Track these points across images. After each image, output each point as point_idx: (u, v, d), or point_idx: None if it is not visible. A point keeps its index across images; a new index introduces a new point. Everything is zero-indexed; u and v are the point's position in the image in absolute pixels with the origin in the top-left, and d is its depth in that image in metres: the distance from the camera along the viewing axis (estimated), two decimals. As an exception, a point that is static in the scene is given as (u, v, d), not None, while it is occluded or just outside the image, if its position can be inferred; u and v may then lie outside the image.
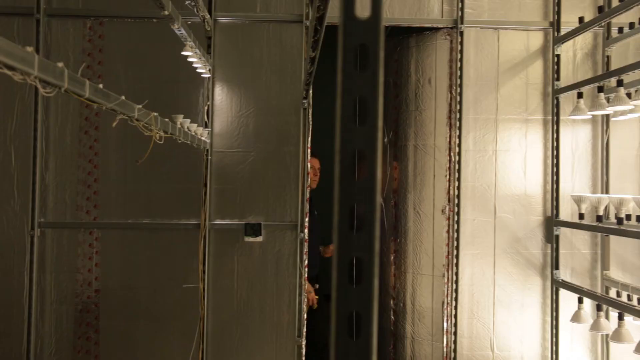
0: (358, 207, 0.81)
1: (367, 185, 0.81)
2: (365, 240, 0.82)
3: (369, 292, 0.82)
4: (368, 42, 0.82)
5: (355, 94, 0.82)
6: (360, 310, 0.82)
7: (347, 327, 0.83)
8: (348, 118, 0.82)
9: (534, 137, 4.08)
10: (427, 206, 4.01)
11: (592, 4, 4.06)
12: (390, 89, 4.04)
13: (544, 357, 4.02)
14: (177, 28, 2.73)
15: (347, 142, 0.81)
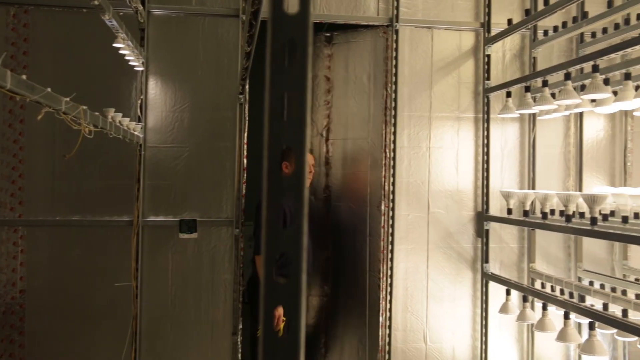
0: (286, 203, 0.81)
1: (294, 180, 0.81)
2: (293, 235, 0.82)
3: (297, 287, 0.82)
4: (296, 37, 0.82)
5: (283, 89, 0.81)
6: (288, 306, 0.83)
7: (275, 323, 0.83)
8: (276, 113, 0.81)
9: (466, 134, 4.19)
10: (362, 202, 4.05)
11: (520, 7, 4.21)
12: (323, 84, 4.04)
13: (474, 347, 4.16)
14: (108, 19, 2.65)
15: (275, 137, 0.81)
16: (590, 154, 4.26)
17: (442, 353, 4.13)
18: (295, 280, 0.82)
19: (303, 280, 0.82)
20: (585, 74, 3.51)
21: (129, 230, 3.81)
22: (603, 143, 4.28)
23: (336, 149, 4.04)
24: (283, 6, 0.81)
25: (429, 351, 4.12)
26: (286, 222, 3.09)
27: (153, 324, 3.86)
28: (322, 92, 4.05)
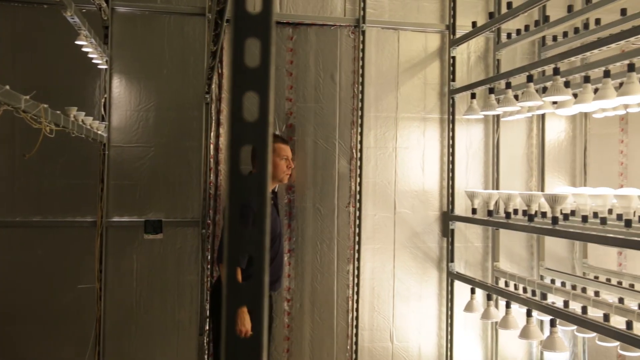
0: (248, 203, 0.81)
1: (257, 180, 0.81)
2: (255, 236, 0.81)
3: (260, 288, 0.82)
4: (259, 37, 0.81)
5: (245, 89, 0.81)
6: (251, 307, 0.82)
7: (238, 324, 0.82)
8: (238, 113, 0.81)
9: (432, 135, 4.24)
10: (329, 203, 4.06)
11: (485, 10, 4.28)
12: (284, 79, 4.02)
13: (440, 345, 4.20)
14: (69, 15, 2.60)
15: (237, 137, 0.81)
16: (552, 154, 4.36)
17: (408, 352, 4.16)
18: (258, 280, 0.82)
19: (265, 281, 0.82)
20: (546, 77, 3.59)
21: (92, 231, 3.74)
22: (564, 144, 4.38)
23: (300, 148, 4.03)
24: (245, 5, 0.81)
25: (396, 350, 4.15)
26: None
27: (117, 326, 3.80)
28: (284, 87, 4.03)
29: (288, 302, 4.02)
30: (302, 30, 4.05)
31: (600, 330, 2.82)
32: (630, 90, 2.69)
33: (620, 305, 3.05)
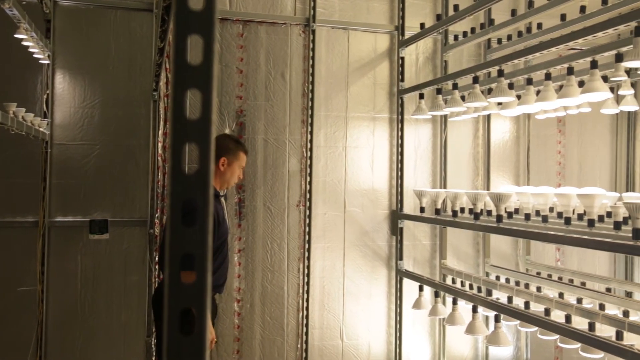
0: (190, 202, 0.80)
1: (199, 179, 0.80)
2: (197, 235, 0.80)
3: (202, 287, 0.81)
4: (202, 34, 0.80)
5: (188, 87, 0.80)
6: (194, 307, 0.81)
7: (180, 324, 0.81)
8: (180, 111, 0.80)
9: (381, 134, 4.29)
10: (280, 202, 4.05)
11: (433, 12, 4.35)
12: (234, 77, 3.99)
13: (389, 342, 4.26)
14: (7, 7, 2.50)
15: (179, 136, 0.79)
16: (497, 154, 4.47)
17: (358, 349, 4.20)
18: (200, 280, 0.81)
19: (208, 280, 0.81)
20: (492, 78, 3.68)
21: (34, 231, 3.62)
22: (509, 144, 4.51)
23: (250, 146, 4.00)
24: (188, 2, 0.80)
25: (345, 348, 4.18)
26: (219, 222, 2.83)
27: (60, 329, 3.69)
28: (234, 85, 4.00)
29: (238, 303, 4.00)
30: (253, 28, 4.03)
31: (542, 325, 2.92)
32: (569, 93, 2.78)
33: (560, 300, 3.16)
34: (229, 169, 3.30)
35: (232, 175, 3.34)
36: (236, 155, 3.32)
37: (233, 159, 3.29)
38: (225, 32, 3.99)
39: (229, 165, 3.29)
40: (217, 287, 3.37)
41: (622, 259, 4.46)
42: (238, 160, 3.34)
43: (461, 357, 4.38)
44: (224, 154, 3.35)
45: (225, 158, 3.32)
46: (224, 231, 3.38)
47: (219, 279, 3.34)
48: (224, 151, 3.37)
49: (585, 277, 3.87)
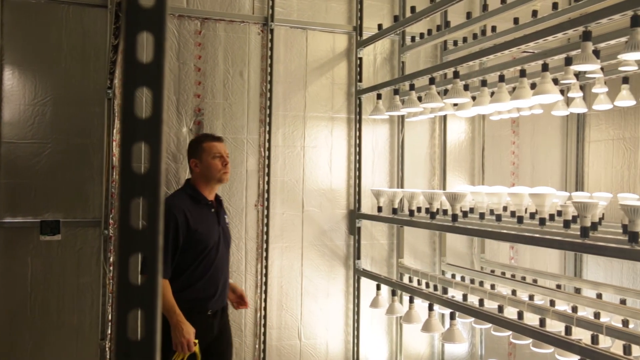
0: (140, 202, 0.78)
1: (150, 179, 0.78)
2: (148, 236, 0.79)
3: (153, 289, 0.80)
4: (152, 31, 0.79)
5: (138, 85, 0.79)
6: (144, 309, 0.80)
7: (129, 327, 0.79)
8: (130, 109, 0.78)
9: (339, 134, 4.30)
10: (238, 201, 4.02)
11: (390, 13, 4.39)
12: (192, 75, 3.94)
13: (347, 341, 4.28)
14: (-47, 1, 2.41)
15: (129, 135, 0.78)
16: (453, 154, 4.55)
17: (316, 349, 4.21)
18: (151, 282, 0.80)
19: (159, 282, 0.80)
20: (448, 79, 3.74)
21: (-19, 233, 3.50)
22: (464, 145, 4.59)
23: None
24: (138, -2, 0.79)
25: (304, 347, 4.18)
26: (188, 227, 2.72)
27: (8, 333, 3.57)
28: (192, 83, 3.95)
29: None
30: (211, 25, 3.99)
31: (495, 321, 2.98)
32: (522, 95, 2.85)
33: (512, 297, 3.23)
34: (202, 167, 3.23)
35: (209, 170, 3.22)
36: (200, 150, 3.25)
37: (200, 155, 3.23)
38: (183, 29, 3.94)
39: (200, 162, 3.23)
40: (203, 300, 3.18)
41: (572, 257, 4.59)
42: (205, 152, 3.24)
43: (418, 354, 4.44)
44: (190, 157, 3.32)
45: (193, 160, 3.28)
46: (201, 238, 3.16)
47: (205, 290, 3.18)
48: (190, 155, 3.35)
49: (537, 275, 3.97)
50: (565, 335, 2.62)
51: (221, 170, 3.27)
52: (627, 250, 2.25)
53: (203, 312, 3.19)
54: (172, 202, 3.18)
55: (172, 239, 3.09)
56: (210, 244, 3.21)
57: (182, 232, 3.11)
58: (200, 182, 3.27)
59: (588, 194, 3.64)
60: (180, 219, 3.11)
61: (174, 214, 3.10)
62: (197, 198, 3.25)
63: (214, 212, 3.31)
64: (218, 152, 3.27)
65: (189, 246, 3.14)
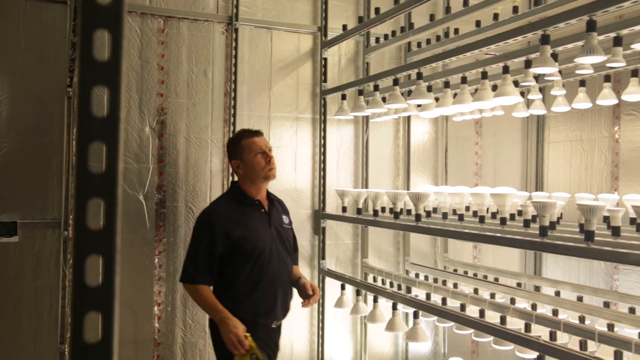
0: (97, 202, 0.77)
1: (107, 179, 0.77)
2: (105, 237, 0.78)
3: (110, 292, 0.78)
4: (109, 29, 0.78)
5: (94, 83, 0.77)
6: (101, 312, 0.78)
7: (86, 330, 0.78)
8: (87, 108, 0.77)
9: (304, 134, 4.30)
10: (202, 202, 3.98)
11: (355, 14, 4.41)
12: (155, 74, 3.89)
13: (312, 342, 4.28)
14: None
15: (86, 134, 0.76)
16: (417, 155, 4.60)
17: (281, 349, 4.18)
18: (108, 284, 0.78)
19: (116, 284, 0.78)
20: (411, 81, 3.78)
21: None
22: (427, 145, 4.64)
23: (172, 145, 3.91)
24: (95, -5, 0.77)
25: (268, 348, 4.16)
26: (227, 233, 3.01)
27: (-36, 338, 3.47)
28: (155, 81, 3.89)
29: (158, 306, 3.90)
30: (175, 24, 3.94)
31: (458, 320, 3.02)
32: (484, 96, 2.90)
33: (474, 296, 3.28)
34: (245, 167, 3.03)
35: (253, 168, 3.00)
36: (239, 148, 3.05)
37: (241, 154, 3.05)
38: (146, 27, 3.88)
39: (242, 163, 3.04)
40: (262, 313, 2.97)
41: (532, 255, 4.69)
42: (245, 150, 3.03)
43: (382, 353, 4.47)
44: (231, 159, 3.14)
45: (234, 161, 3.10)
46: (246, 243, 2.94)
47: (258, 304, 2.94)
48: (230, 156, 3.16)
49: (498, 273, 4.04)
50: (524, 333, 2.67)
51: (265, 168, 3.03)
52: (583, 248, 2.30)
53: (265, 326, 3.00)
54: (211, 208, 3.10)
55: (206, 246, 2.95)
56: (258, 248, 2.95)
57: (220, 239, 2.93)
58: (245, 182, 3.07)
59: (547, 194, 3.73)
60: (218, 226, 2.94)
61: (210, 220, 2.97)
62: (241, 199, 3.04)
63: (264, 212, 3.07)
64: (259, 148, 3.03)
65: (234, 253, 2.95)
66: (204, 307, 3.00)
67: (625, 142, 4.13)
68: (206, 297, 2.93)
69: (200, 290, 2.95)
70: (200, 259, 2.95)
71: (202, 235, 2.97)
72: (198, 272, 2.95)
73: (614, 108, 4.16)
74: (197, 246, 2.98)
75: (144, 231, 3.86)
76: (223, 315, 2.85)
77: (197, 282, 2.95)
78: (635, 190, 3.94)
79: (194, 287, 2.98)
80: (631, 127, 4.08)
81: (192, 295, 3.04)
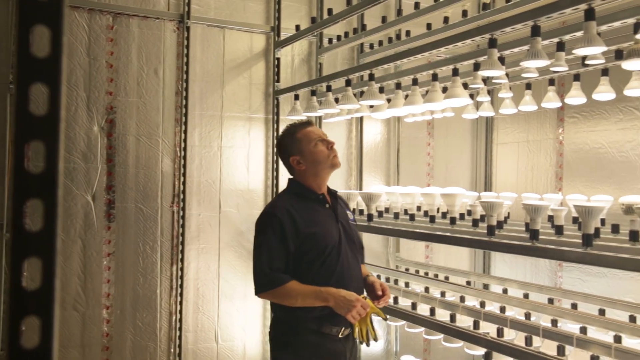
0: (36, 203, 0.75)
1: (45, 178, 0.75)
2: (44, 239, 0.75)
3: (50, 295, 0.76)
4: (48, 24, 0.75)
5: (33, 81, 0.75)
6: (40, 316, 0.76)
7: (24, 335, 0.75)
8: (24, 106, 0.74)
9: (257, 134, 4.28)
10: (153, 202, 3.92)
11: (308, 15, 4.42)
12: (104, 71, 3.80)
13: (265, 342, 4.26)
14: None
15: (23, 132, 0.74)
16: (369, 155, 4.64)
17: (233, 351, 4.16)
18: (47, 287, 0.76)
19: (56, 287, 0.76)
20: (364, 82, 3.80)
21: None
22: (380, 146, 4.68)
23: (121, 145, 3.83)
24: (33, -11, 0.75)
25: (221, 350, 4.13)
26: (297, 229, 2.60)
27: None
28: (104, 79, 3.80)
29: (107, 309, 3.81)
30: (124, 21, 3.86)
31: (409, 318, 3.07)
32: (434, 98, 2.94)
33: (425, 294, 3.34)
34: (306, 160, 2.65)
35: (316, 159, 2.64)
36: (297, 142, 2.67)
37: (300, 147, 2.66)
38: (94, 23, 3.79)
39: (302, 157, 2.65)
40: (329, 317, 2.53)
41: (481, 254, 4.80)
42: (303, 142, 2.67)
43: (335, 353, 4.49)
44: (289, 156, 2.71)
45: (293, 157, 2.69)
46: (316, 240, 2.57)
47: (324, 307, 2.51)
48: (286, 154, 2.74)
49: (449, 272, 4.12)
50: (473, 330, 2.73)
51: (330, 155, 2.68)
52: (528, 247, 2.37)
53: (333, 334, 2.57)
54: (273, 205, 2.75)
55: (278, 244, 2.53)
56: (328, 246, 2.59)
57: (291, 238, 2.54)
58: (308, 176, 2.67)
59: (495, 194, 3.82)
60: (286, 222, 2.55)
61: (277, 216, 2.56)
62: (305, 194, 2.67)
63: (328, 207, 2.70)
64: (318, 137, 2.70)
65: (303, 252, 2.56)
66: (303, 301, 2.49)
67: (569, 144, 4.27)
68: (299, 290, 2.49)
69: (289, 289, 2.49)
70: (275, 259, 2.51)
71: (270, 234, 2.54)
72: (279, 273, 2.51)
73: (558, 111, 4.30)
74: (268, 246, 2.52)
75: (92, 233, 3.77)
76: (330, 292, 2.47)
77: (283, 283, 2.48)
78: (578, 190, 4.08)
79: (279, 290, 2.50)
80: (574, 130, 4.22)
81: (281, 299, 2.55)
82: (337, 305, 2.45)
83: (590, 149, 4.10)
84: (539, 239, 2.38)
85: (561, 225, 2.54)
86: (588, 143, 4.13)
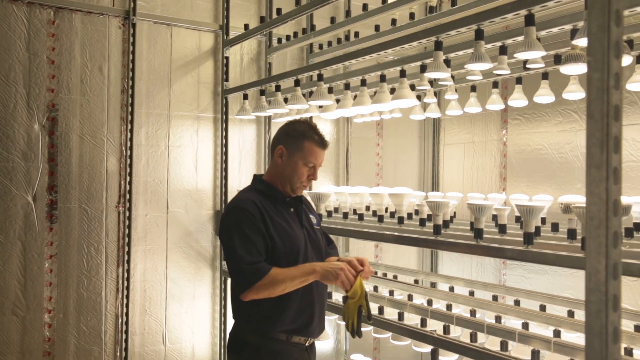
0: None
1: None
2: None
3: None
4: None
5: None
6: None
7: None
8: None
9: (205, 134, 4.23)
10: (97, 203, 3.82)
11: (257, 14, 4.40)
12: (44, 67, 3.68)
13: (214, 344, 4.22)
14: None
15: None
16: (319, 155, 4.64)
17: (181, 353, 4.10)
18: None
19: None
20: (313, 82, 3.81)
21: None
22: (330, 146, 4.69)
23: (64, 143, 3.72)
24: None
25: (169, 352, 4.06)
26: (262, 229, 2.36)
27: None
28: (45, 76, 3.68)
29: (49, 313, 3.69)
30: (66, 15, 3.74)
31: (357, 317, 3.08)
32: (382, 99, 2.98)
33: (374, 293, 3.37)
34: (288, 163, 2.45)
35: (293, 173, 2.44)
36: (299, 145, 2.44)
37: (294, 150, 2.44)
38: (34, 17, 3.66)
39: (288, 157, 2.45)
40: (299, 329, 2.40)
41: (428, 253, 4.89)
42: (301, 152, 2.44)
43: (285, 353, 4.48)
44: (281, 141, 2.49)
45: (282, 147, 2.47)
46: (281, 245, 2.37)
47: (294, 319, 2.38)
48: (282, 137, 2.51)
49: (397, 271, 4.17)
50: (420, 327, 2.77)
51: (302, 183, 2.50)
52: (473, 245, 2.43)
53: (299, 344, 2.42)
54: (239, 199, 2.48)
55: (252, 231, 2.31)
56: (293, 251, 2.41)
57: (264, 228, 2.36)
58: (276, 177, 2.50)
59: (442, 194, 3.89)
60: (257, 215, 2.35)
61: (246, 208, 2.35)
62: (270, 193, 2.47)
63: (293, 211, 2.52)
64: (313, 162, 2.49)
65: (266, 255, 2.36)
66: (292, 283, 2.30)
67: (512, 145, 4.40)
68: (284, 273, 2.30)
69: (274, 276, 2.28)
70: (252, 250, 2.30)
71: (242, 227, 2.32)
72: (258, 263, 2.28)
73: (501, 113, 4.42)
74: (242, 240, 2.31)
75: (32, 234, 3.64)
76: (313, 264, 2.36)
77: (266, 271, 2.26)
78: (521, 190, 4.21)
79: (264, 281, 2.26)
80: (517, 131, 4.35)
81: (270, 290, 2.29)
82: (325, 273, 2.31)
83: (532, 150, 4.23)
84: (483, 238, 2.44)
85: (504, 224, 2.61)
86: (530, 144, 4.26)
